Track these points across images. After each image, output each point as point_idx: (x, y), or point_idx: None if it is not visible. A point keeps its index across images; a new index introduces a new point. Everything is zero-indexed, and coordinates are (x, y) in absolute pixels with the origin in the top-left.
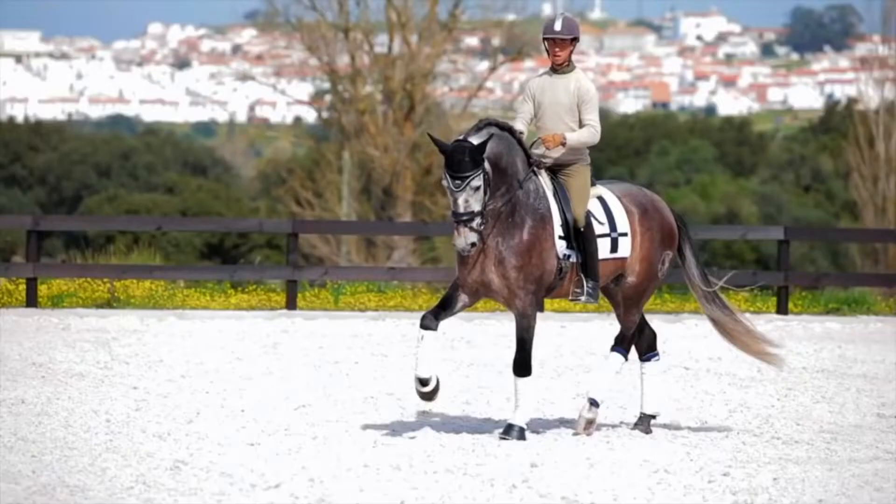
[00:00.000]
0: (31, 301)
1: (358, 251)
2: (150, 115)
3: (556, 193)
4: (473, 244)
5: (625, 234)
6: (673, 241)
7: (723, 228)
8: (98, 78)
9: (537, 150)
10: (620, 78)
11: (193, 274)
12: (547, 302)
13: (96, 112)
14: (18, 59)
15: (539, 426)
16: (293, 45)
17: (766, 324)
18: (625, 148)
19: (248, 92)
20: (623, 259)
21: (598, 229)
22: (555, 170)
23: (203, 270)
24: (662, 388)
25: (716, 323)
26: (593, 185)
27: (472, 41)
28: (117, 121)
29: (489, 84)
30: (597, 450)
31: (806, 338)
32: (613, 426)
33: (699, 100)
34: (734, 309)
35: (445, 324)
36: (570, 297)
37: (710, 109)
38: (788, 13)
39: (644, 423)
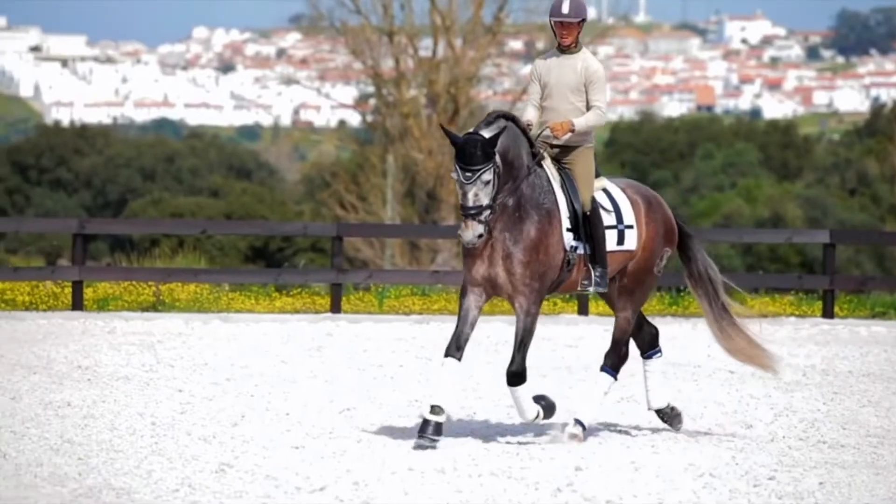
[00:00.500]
0: (77, 304)
1: (402, 254)
2: (194, 118)
3: (563, 184)
4: (480, 236)
5: (631, 227)
6: (673, 239)
7: (768, 232)
8: (143, 82)
9: (545, 134)
10: (665, 81)
11: (238, 277)
12: (592, 304)
13: (141, 116)
14: (65, 63)
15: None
16: (337, 48)
17: (812, 328)
18: (669, 151)
19: (292, 95)
20: (630, 252)
21: (606, 220)
22: (560, 155)
23: (248, 274)
24: (665, 383)
25: (716, 327)
26: (597, 176)
27: (517, 44)
28: (162, 124)
29: None
30: (641, 453)
31: (852, 341)
32: (657, 430)
33: (744, 103)
34: (735, 312)
35: (477, 335)
36: (578, 288)
37: (756, 113)
38: (834, 16)
39: (668, 417)
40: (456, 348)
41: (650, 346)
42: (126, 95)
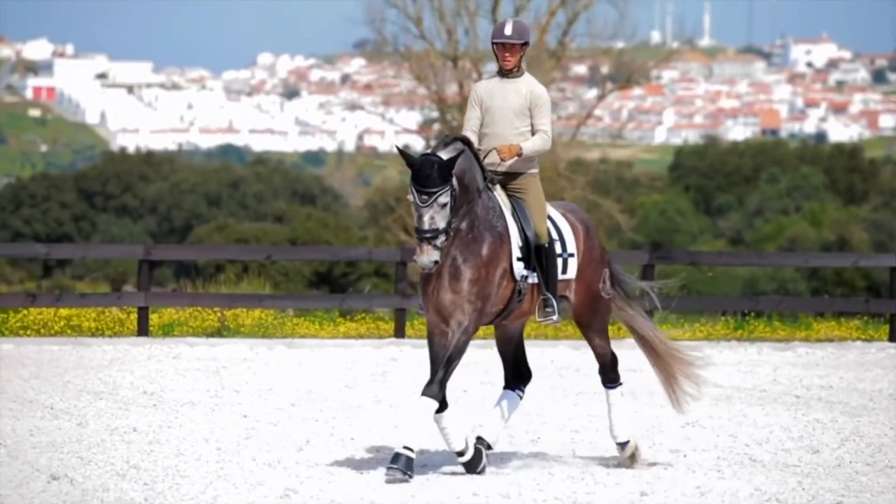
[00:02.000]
0: (143, 330)
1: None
2: (259, 144)
3: (514, 212)
4: (436, 262)
5: (573, 255)
6: (605, 259)
7: (834, 256)
8: (208, 108)
9: (490, 160)
10: (730, 105)
11: (302, 303)
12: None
13: (206, 142)
14: (130, 89)
15: (649, 455)
16: (402, 74)
17: (879, 352)
18: (734, 175)
19: (356, 121)
20: (569, 280)
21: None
22: (505, 181)
23: (312, 299)
24: (628, 412)
25: (643, 342)
26: None
27: (581, 69)
28: (227, 150)
29: (597, 112)
30: (707, 479)
31: None
32: (723, 455)
33: (809, 127)
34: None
35: (541, 360)
36: (538, 319)
37: (821, 136)
38: None
39: (623, 450)
40: (438, 391)
41: (516, 383)
42: (191, 122)
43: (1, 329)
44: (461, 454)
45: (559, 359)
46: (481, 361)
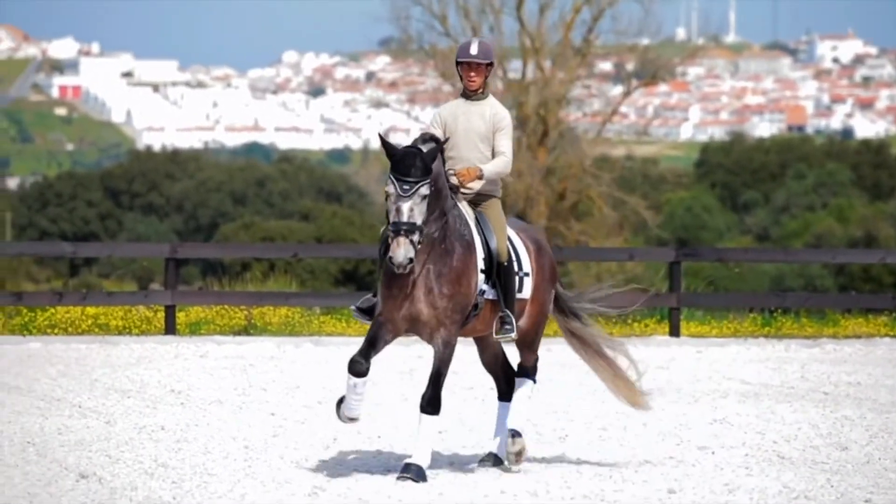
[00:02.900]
0: (170, 328)
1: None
2: (284, 142)
3: (477, 224)
4: (411, 260)
5: (528, 274)
6: (556, 277)
7: (861, 252)
8: (234, 106)
9: (451, 183)
10: (755, 101)
11: (329, 300)
12: (683, 326)
13: (232, 140)
14: (156, 88)
15: (676, 452)
16: (426, 71)
17: None
18: (760, 172)
19: (381, 118)
20: (525, 300)
21: None
22: (469, 201)
23: (338, 297)
24: (528, 408)
25: (590, 353)
26: None
27: (606, 66)
28: (252, 148)
29: (623, 109)
30: (735, 476)
31: None
32: (752, 452)
33: (835, 123)
34: (607, 344)
35: (570, 358)
36: (496, 335)
37: (847, 132)
38: None
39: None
40: (364, 359)
41: (510, 393)
42: (217, 120)
43: (29, 328)
44: (353, 420)
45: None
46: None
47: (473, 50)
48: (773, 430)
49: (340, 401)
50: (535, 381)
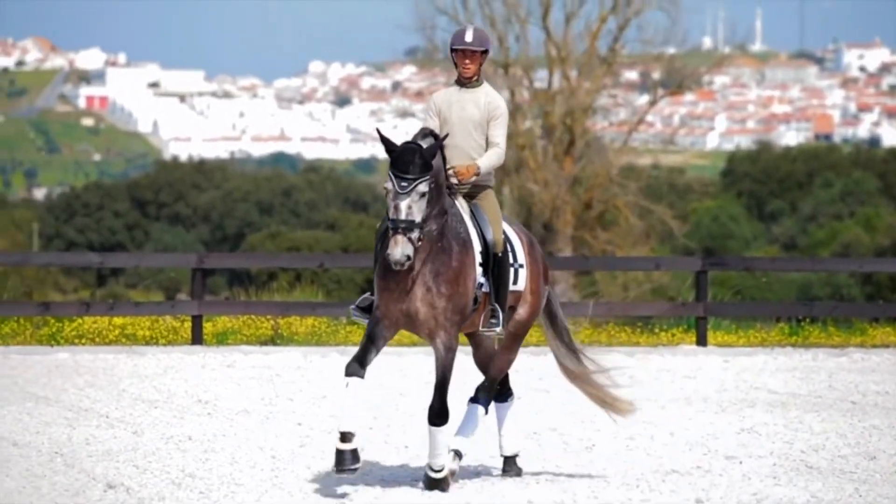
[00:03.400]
0: (197, 338)
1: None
2: (311, 152)
3: (472, 217)
4: (409, 257)
5: (522, 266)
6: (549, 277)
7: (888, 261)
8: (260, 116)
9: (452, 181)
10: (782, 110)
11: None
12: (711, 335)
13: (258, 150)
14: (182, 98)
15: (704, 461)
16: (452, 81)
17: None
18: (787, 181)
19: (408, 128)
20: (519, 292)
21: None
22: (464, 194)
23: None
24: (517, 428)
25: (567, 371)
26: None
27: (632, 75)
28: (279, 158)
29: (649, 118)
30: (763, 485)
31: None
32: (780, 462)
33: (862, 131)
34: (586, 359)
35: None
36: (482, 328)
37: (874, 141)
38: None
39: (511, 466)
40: (360, 365)
41: (503, 392)
42: (243, 130)
43: (56, 338)
44: (346, 438)
45: (612, 365)
46: (535, 368)
47: (468, 37)
48: (801, 440)
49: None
50: (486, 411)
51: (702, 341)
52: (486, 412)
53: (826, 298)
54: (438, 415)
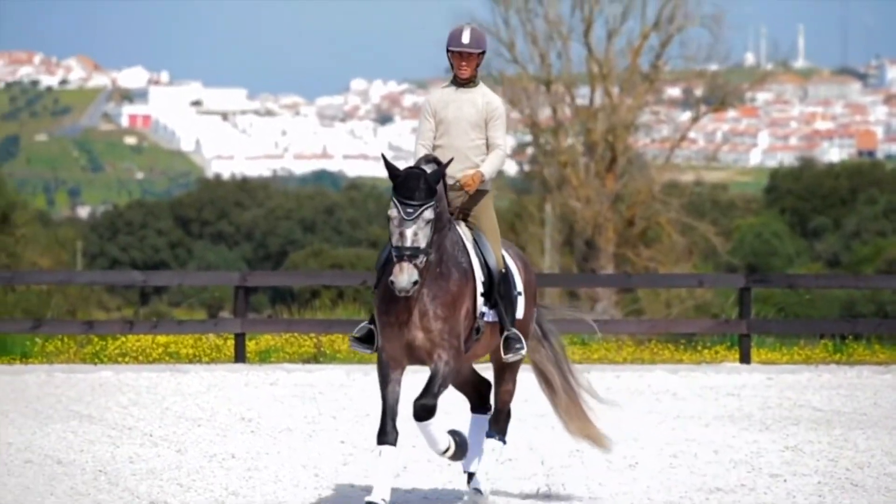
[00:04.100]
0: (240, 356)
1: (560, 303)
2: (353, 170)
3: (474, 244)
4: (415, 283)
5: (520, 293)
6: (536, 295)
7: None
8: (302, 134)
9: (455, 193)
10: (825, 127)
11: None
12: (755, 353)
13: (300, 168)
14: (225, 116)
15: (748, 479)
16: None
17: None
18: (830, 197)
19: None
20: (521, 321)
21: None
22: (463, 204)
23: None
24: (491, 467)
25: (551, 392)
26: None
27: (674, 92)
28: (321, 176)
29: (691, 134)
30: (808, 502)
31: None
32: (824, 480)
33: None
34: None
35: (637, 384)
36: (506, 356)
37: None
38: None
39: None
40: (390, 430)
41: (482, 406)
42: (285, 148)
43: (100, 356)
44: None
45: (655, 383)
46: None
47: (465, 39)
48: (846, 458)
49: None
50: (504, 442)
51: (745, 359)
52: (504, 442)
53: (870, 315)
54: (423, 407)
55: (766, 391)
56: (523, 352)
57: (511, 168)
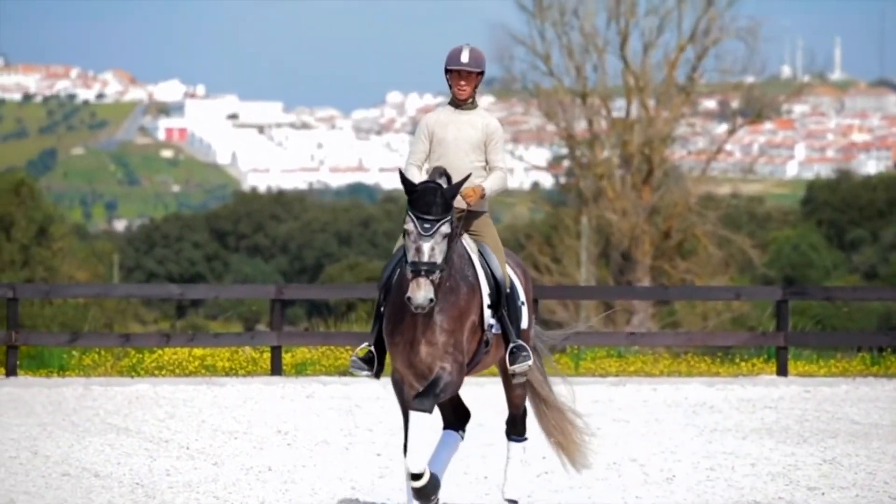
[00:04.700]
0: (276, 369)
1: (597, 316)
2: (389, 182)
3: (480, 256)
4: (431, 300)
5: (524, 303)
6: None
7: None
8: (338, 147)
9: (455, 203)
10: (862, 139)
11: None
12: (792, 365)
13: (336, 181)
14: (261, 129)
15: (786, 493)
16: (531, 110)
17: None
18: (867, 209)
19: None
20: (525, 331)
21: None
22: (464, 223)
23: None
24: (524, 471)
25: (534, 399)
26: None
27: (710, 104)
28: (357, 189)
29: (728, 147)
30: None
31: None
32: (862, 493)
33: None
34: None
35: (674, 397)
36: (512, 368)
37: None
38: None
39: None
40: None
41: (457, 423)
42: (321, 161)
43: (137, 369)
44: (417, 477)
45: (693, 395)
46: (615, 399)
47: (464, 58)
48: (884, 471)
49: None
50: (526, 439)
51: (782, 371)
52: (525, 449)
53: None
54: (423, 397)
55: (804, 404)
56: (530, 362)
57: (547, 181)
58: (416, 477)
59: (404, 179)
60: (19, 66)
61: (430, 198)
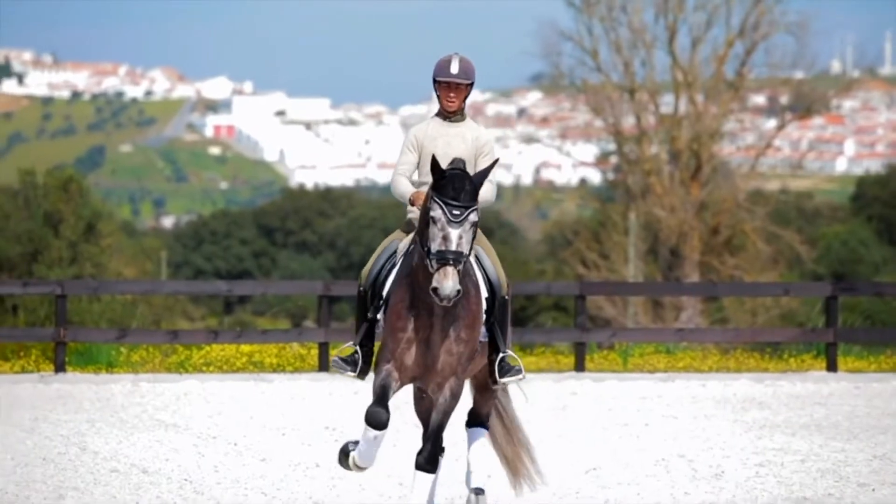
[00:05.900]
0: (323, 366)
1: (645, 312)
2: None
3: (477, 261)
4: (459, 292)
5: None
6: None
7: None
8: (385, 143)
9: None
10: None
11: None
12: (841, 361)
13: (384, 177)
14: (308, 126)
15: (836, 489)
16: (578, 106)
17: None
18: None
19: (533, 154)
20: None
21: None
22: None
23: None
24: (490, 460)
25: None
26: None
27: (759, 99)
28: None
29: (777, 142)
30: None
31: None
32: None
33: None
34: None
35: (724, 392)
36: (501, 380)
37: None
38: None
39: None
40: (385, 409)
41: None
42: (368, 157)
43: (185, 365)
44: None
45: (741, 392)
46: (664, 395)
47: (454, 69)
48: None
49: (345, 449)
50: (487, 428)
51: (832, 367)
52: (487, 428)
53: None
54: (428, 460)
55: (854, 400)
56: (520, 376)
57: (595, 177)
58: (359, 468)
59: (434, 164)
60: (68, 64)
61: (460, 184)
